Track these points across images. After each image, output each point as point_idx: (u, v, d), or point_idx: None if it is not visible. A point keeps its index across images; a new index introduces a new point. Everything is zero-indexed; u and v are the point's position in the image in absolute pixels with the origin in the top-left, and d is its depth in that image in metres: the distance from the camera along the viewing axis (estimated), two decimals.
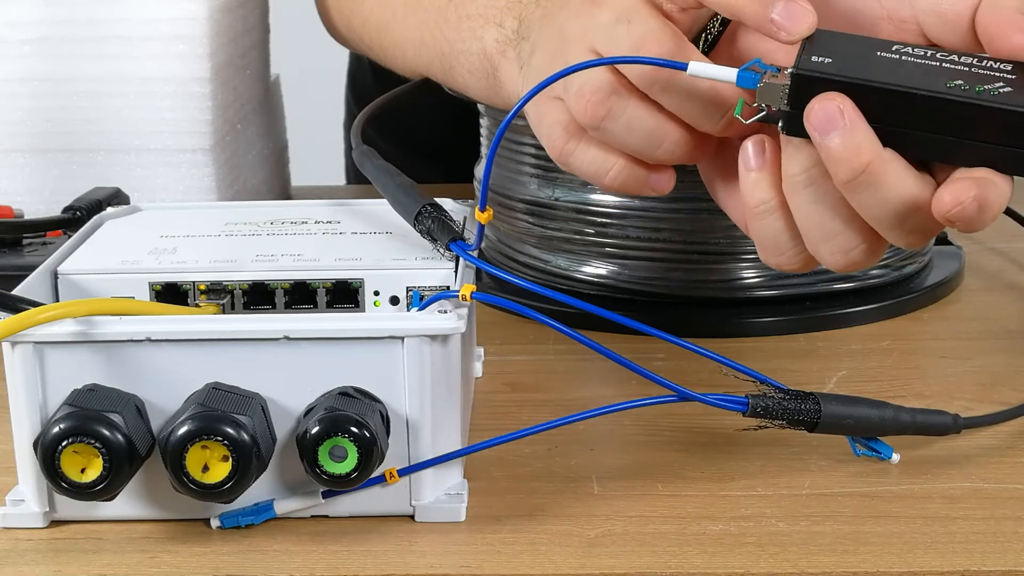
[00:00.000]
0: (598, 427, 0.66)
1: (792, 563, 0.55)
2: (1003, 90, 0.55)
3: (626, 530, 0.58)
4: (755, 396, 0.59)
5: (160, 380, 0.57)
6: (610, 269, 0.81)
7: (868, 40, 0.58)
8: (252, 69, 0.99)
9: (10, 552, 0.57)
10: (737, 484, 0.61)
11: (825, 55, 0.56)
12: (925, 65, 0.56)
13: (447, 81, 0.82)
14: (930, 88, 0.55)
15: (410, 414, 0.58)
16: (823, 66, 0.56)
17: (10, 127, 0.90)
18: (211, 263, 0.64)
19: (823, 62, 0.56)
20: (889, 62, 0.56)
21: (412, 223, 0.64)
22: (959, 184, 0.54)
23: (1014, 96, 0.55)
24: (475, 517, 0.59)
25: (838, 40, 0.57)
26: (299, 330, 0.57)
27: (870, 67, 0.56)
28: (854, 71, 0.55)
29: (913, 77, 0.55)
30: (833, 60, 0.56)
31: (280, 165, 1.07)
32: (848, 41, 0.58)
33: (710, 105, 0.59)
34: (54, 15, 0.89)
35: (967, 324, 0.80)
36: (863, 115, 0.55)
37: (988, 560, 0.55)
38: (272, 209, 0.72)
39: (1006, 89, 0.55)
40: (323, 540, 0.58)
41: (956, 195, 0.54)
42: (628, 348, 0.60)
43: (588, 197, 0.80)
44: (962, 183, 0.54)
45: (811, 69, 0.56)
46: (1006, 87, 0.55)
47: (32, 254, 0.78)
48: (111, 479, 0.55)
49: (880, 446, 0.62)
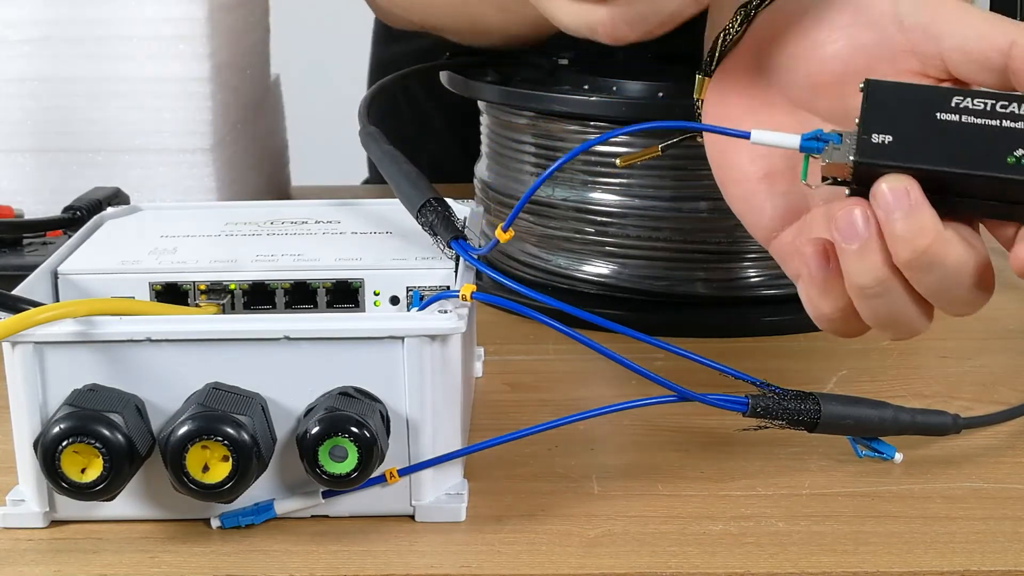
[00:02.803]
0: (598, 427, 0.66)
1: (792, 563, 0.55)
2: None
3: (626, 530, 0.58)
4: (755, 396, 0.59)
5: (160, 380, 0.57)
6: (610, 269, 0.81)
7: (925, 94, 0.57)
8: (252, 69, 0.99)
9: (10, 552, 0.57)
10: (737, 484, 0.61)
11: (885, 129, 0.56)
12: (985, 129, 0.56)
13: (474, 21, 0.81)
14: (991, 170, 0.55)
15: (410, 414, 0.58)
16: (885, 150, 0.56)
17: (10, 127, 0.90)
18: (211, 263, 0.64)
19: (884, 142, 0.56)
20: (949, 129, 0.56)
21: (415, 214, 0.64)
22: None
23: None
24: (475, 517, 0.59)
25: (896, 97, 0.57)
26: (299, 330, 0.57)
27: (931, 142, 0.56)
28: (917, 153, 0.55)
29: (974, 152, 0.55)
30: (894, 138, 0.56)
31: (280, 165, 1.07)
32: (906, 100, 0.56)
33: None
34: (54, 15, 0.89)
35: (967, 324, 0.80)
36: (925, 192, 0.55)
37: (988, 560, 0.55)
38: (272, 209, 0.72)
39: None
40: (323, 540, 0.58)
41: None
42: (628, 348, 0.60)
43: (588, 197, 0.80)
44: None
45: (874, 156, 0.56)
46: None
47: (32, 254, 0.78)
48: (111, 479, 0.55)
49: (882, 446, 0.62)
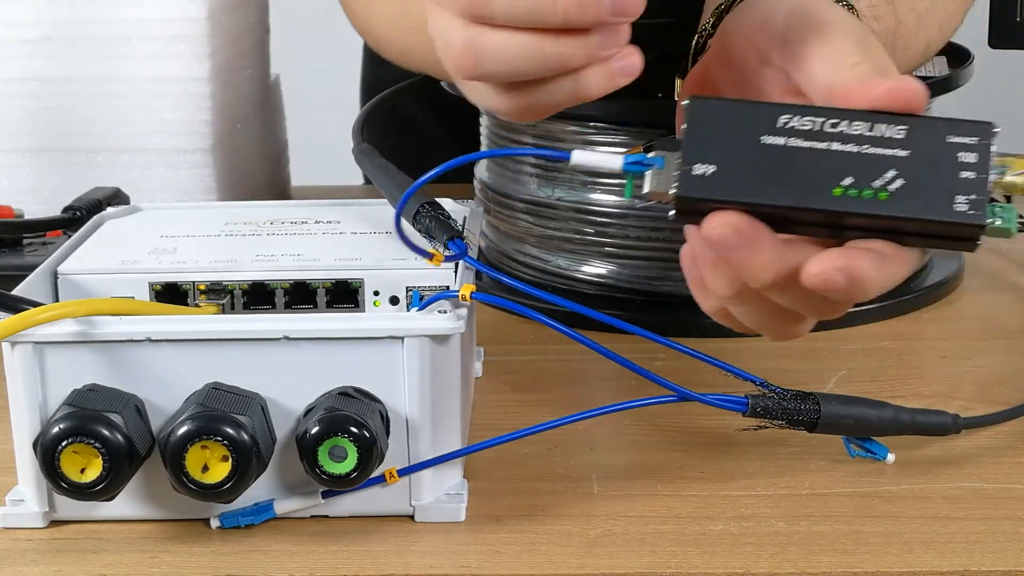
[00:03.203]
0: (598, 427, 0.66)
1: (792, 563, 0.55)
2: (893, 186, 0.53)
3: (626, 530, 0.58)
4: (755, 396, 0.59)
5: (160, 380, 0.57)
6: (610, 269, 0.81)
7: (752, 113, 0.55)
8: (252, 69, 0.99)
9: (10, 552, 0.57)
10: (737, 484, 0.61)
11: (708, 158, 0.54)
12: (813, 154, 0.54)
13: (405, 58, 0.81)
14: (817, 203, 0.53)
15: (410, 414, 0.58)
16: (707, 183, 0.53)
17: (10, 127, 0.90)
18: (211, 263, 0.64)
19: (706, 175, 0.53)
20: (775, 155, 0.54)
21: (411, 221, 0.64)
22: (827, 255, 0.53)
23: (902, 199, 0.53)
24: (475, 517, 0.59)
25: (721, 118, 0.54)
26: (299, 330, 0.57)
27: (755, 172, 0.53)
28: (740, 186, 0.53)
29: (800, 183, 0.53)
30: (718, 168, 0.53)
31: (280, 165, 1.07)
32: (731, 121, 0.54)
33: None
34: (54, 15, 0.89)
35: (967, 324, 0.80)
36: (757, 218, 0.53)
37: (988, 560, 0.55)
38: (272, 209, 0.72)
39: (897, 184, 0.53)
40: (323, 540, 0.58)
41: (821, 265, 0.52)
42: (628, 348, 0.60)
43: (588, 197, 0.80)
44: (830, 254, 0.53)
45: (696, 191, 0.53)
46: (897, 178, 0.53)
47: (32, 254, 0.78)
48: (111, 479, 0.55)
49: (875, 447, 0.62)
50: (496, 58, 0.54)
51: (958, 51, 0.87)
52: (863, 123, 0.54)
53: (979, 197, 0.53)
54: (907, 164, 0.53)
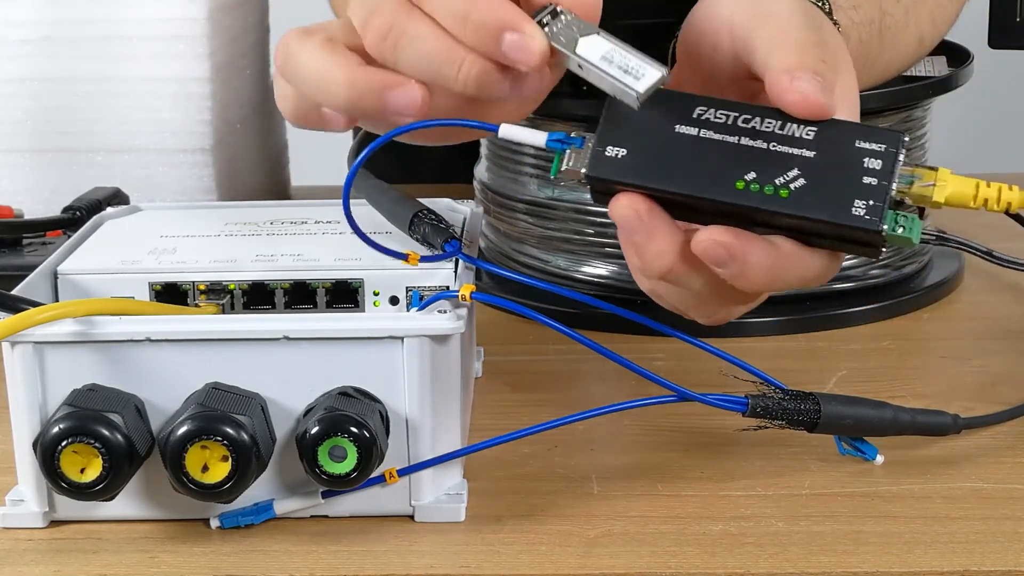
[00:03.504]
0: (598, 427, 0.66)
1: (792, 563, 0.55)
2: (795, 184, 0.54)
3: (626, 530, 0.58)
4: (755, 396, 0.59)
5: (160, 380, 0.57)
6: (610, 269, 0.81)
7: (670, 101, 0.56)
8: (252, 69, 0.99)
9: (10, 552, 0.57)
10: (737, 484, 0.61)
11: (621, 142, 0.55)
12: (722, 146, 0.55)
13: None
14: (719, 195, 0.54)
15: (410, 414, 0.58)
16: (617, 165, 0.55)
17: (10, 127, 0.90)
18: (211, 263, 0.64)
19: (617, 157, 0.55)
20: (685, 144, 0.55)
21: (408, 232, 0.64)
22: (717, 229, 0.54)
23: (802, 198, 0.54)
24: (475, 517, 0.59)
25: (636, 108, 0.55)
26: (299, 330, 0.57)
27: (664, 159, 0.55)
28: (648, 171, 0.55)
29: (705, 173, 0.54)
30: (628, 152, 0.55)
31: (280, 165, 1.07)
32: (648, 107, 0.55)
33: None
34: (54, 15, 0.89)
35: (967, 324, 0.80)
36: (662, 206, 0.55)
37: (988, 560, 0.55)
38: (272, 209, 0.72)
39: (798, 183, 0.54)
40: (323, 540, 0.58)
41: (708, 234, 0.54)
42: (628, 348, 0.60)
43: (588, 197, 0.79)
44: (720, 229, 0.54)
45: (603, 172, 0.55)
46: (799, 177, 0.54)
47: (32, 254, 0.78)
48: (111, 479, 0.55)
49: (865, 447, 0.62)
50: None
51: (958, 51, 0.87)
52: (775, 121, 0.55)
53: (877, 203, 0.53)
54: (812, 165, 0.54)
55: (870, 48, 0.72)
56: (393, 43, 0.56)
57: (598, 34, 0.55)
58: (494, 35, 0.54)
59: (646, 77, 0.54)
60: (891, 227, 0.54)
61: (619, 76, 0.54)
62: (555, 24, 0.55)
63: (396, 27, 0.56)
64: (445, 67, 0.55)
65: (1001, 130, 1.86)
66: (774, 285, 0.55)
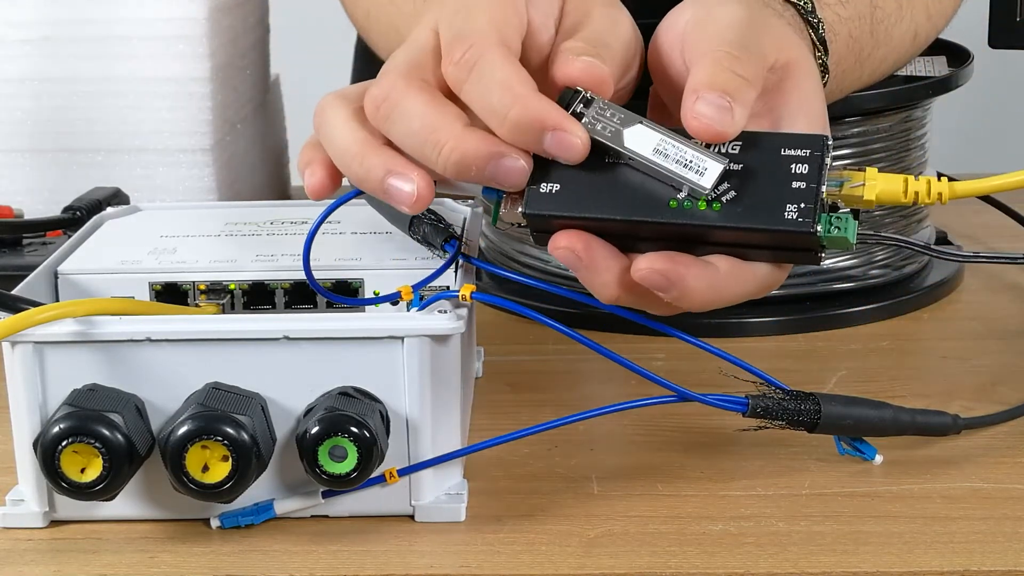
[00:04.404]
0: (598, 427, 0.66)
1: (792, 563, 0.55)
2: (726, 197, 0.54)
3: (626, 530, 0.58)
4: (755, 396, 0.59)
5: (160, 380, 0.57)
6: None
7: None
8: (252, 69, 0.99)
9: (10, 552, 0.57)
10: (737, 484, 0.61)
11: (554, 178, 0.56)
12: (653, 169, 0.55)
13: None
14: (654, 216, 0.55)
15: (410, 414, 0.58)
16: (551, 200, 0.56)
17: (10, 127, 0.90)
18: (211, 263, 0.64)
19: (551, 192, 0.56)
20: (616, 172, 0.56)
21: (408, 233, 0.64)
22: (654, 256, 0.55)
23: (733, 210, 0.54)
24: (475, 517, 0.59)
25: None
26: (299, 330, 0.57)
27: (597, 188, 0.55)
28: (583, 202, 0.55)
29: (639, 197, 0.55)
30: (561, 186, 0.56)
31: (280, 165, 1.07)
32: None
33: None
34: (54, 15, 0.89)
35: (967, 324, 0.80)
36: (599, 237, 0.56)
37: (988, 560, 0.55)
38: (272, 209, 0.72)
39: (729, 195, 0.54)
40: (323, 540, 0.58)
41: (646, 262, 0.55)
42: (628, 348, 0.60)
43: None
44: (657, 256, 0.55)
45: (540, 208, 0.56)
46: (729, 190, 0.55)
47: (32, 254, 0.78)
48: (111, 479, 0.55)
49: (864, 447, 0.62)
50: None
51: (958, 51, 0.87)
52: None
53: (808, 205, 0.54)
54: (740, 177, 0.55)
55: (862, 43, 0.72)
56: (385, 115, 0.57)
57: (640, 123, 0.56)
58: (535, 134, 0.55)
59: (709, 171, 0.55)
60: (825, 228, 0.54)
61: (681, 172, 0.55)
62: (590, 112, 0.56)
63: (390, 100, 0.57)
64: (427, 148, 0.56)
65: (1001, 130, 1.86)
66: (717, 303, 0.56)
